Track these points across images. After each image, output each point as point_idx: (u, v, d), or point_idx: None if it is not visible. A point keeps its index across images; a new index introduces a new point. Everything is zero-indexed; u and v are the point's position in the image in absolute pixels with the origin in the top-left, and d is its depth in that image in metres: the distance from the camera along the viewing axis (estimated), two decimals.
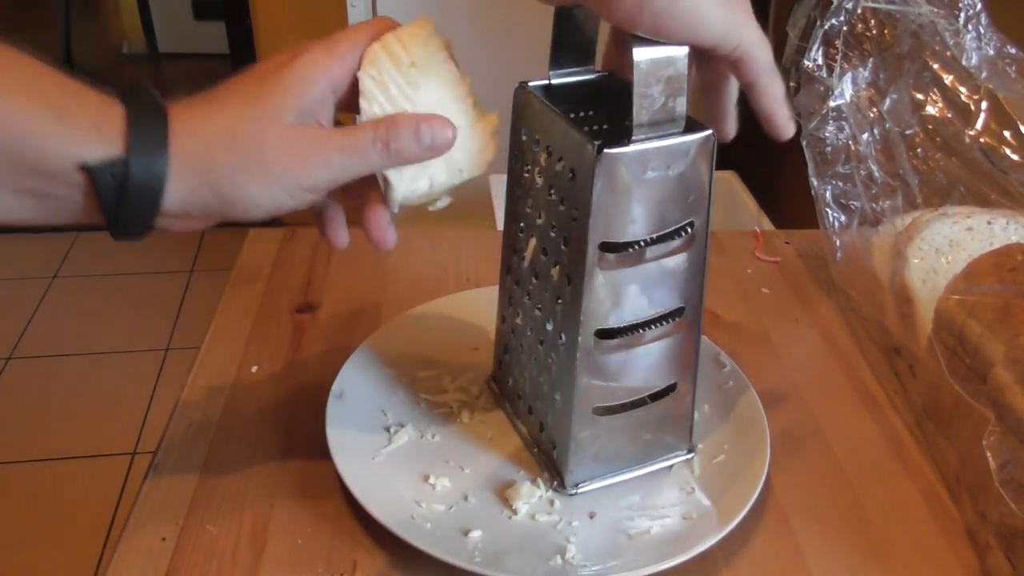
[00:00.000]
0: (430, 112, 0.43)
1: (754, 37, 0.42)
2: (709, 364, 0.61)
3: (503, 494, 0.51)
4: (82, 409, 1.74)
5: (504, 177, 0.51)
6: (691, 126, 0.43)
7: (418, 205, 0.46)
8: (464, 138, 0.44)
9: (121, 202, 0.38)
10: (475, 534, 0.48)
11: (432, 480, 0.52)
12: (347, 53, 0.42)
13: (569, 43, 0.47)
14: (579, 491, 0.51)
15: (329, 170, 0.42)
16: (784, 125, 0.45)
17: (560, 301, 0.47)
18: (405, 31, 0.43)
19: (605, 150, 0.41)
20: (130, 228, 0.40)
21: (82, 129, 0.37)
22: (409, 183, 0.44)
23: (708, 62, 0.45)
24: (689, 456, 0.54)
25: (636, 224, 0.44)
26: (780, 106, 0.44)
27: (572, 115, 0.46)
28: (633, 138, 0.41)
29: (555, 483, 0.52)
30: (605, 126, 0.50)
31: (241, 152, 0.40)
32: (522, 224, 0.51)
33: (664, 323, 0.48)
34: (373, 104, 0.42)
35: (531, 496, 0.51)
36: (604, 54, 0.48)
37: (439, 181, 0.45)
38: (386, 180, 0.44)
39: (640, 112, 0.41)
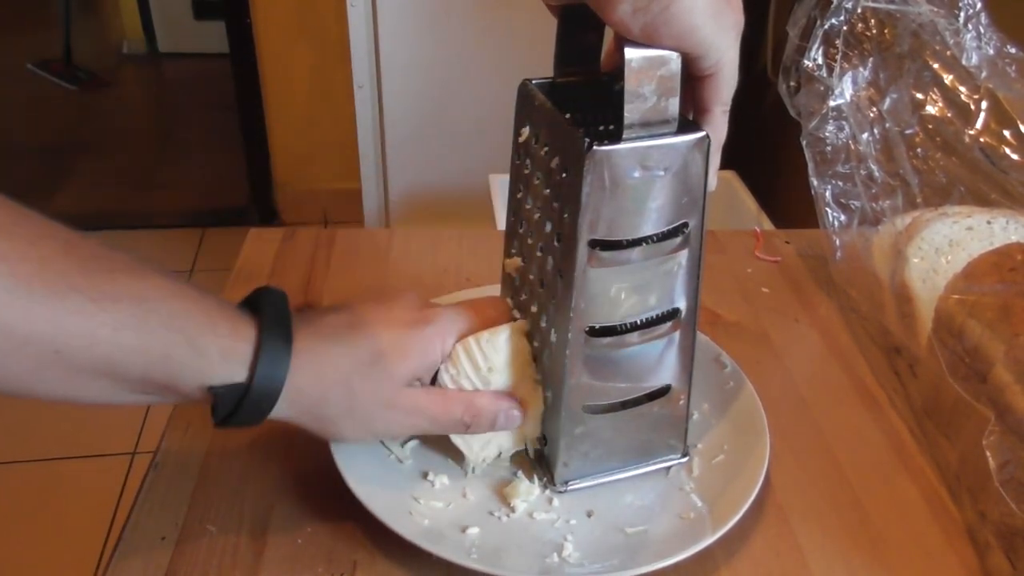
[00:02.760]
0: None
1: (734, 60, 0.42)
2: (710, 364, 0.61)
3: (501, 492, 0.51)
4: (82, 409, 1.73)
5: (503, 177, 0.52)
6: (685, 127, 0.43)
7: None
8: (530, 412, 0.50)
9: (234, 414, 0.43)
10: (473, 531, 0.48)
11: (431, 477, 0.52)
12: (465, 329, 0.49)
13: (574, 42, 0.47)
14: (569, 488, 0.51)
15: (415, 431, 0.50)
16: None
17: (553, 298, 0.47)
18: (488, 338, 0.49)
19: (595, 147, 0.41)
20: (233, 427, 0.44)
21: (212, 358, 0.41)
22: (479, 452, 0.51)
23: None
24: (683, 460, 0.54)
25: (628, 223, 0.44)
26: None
27: (579, 116, 0.46)
28: (624, 137, 0.41)
29: (545, 480, 0.52)
30: (611, 127, 0.50)
31: (350, 408, 0.45)
32: (522, 220, 0.51)
33: (657, 324, 0.48)
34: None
35: (529, 494, 0.51)
36: (605, 55, 0.48)
37: (506, 448, 0.52)
38: (458, 449, 0.51)
39: (631, 111, 0.40)
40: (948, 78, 0.72)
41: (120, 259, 0.40)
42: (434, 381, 0.49)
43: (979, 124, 0.71)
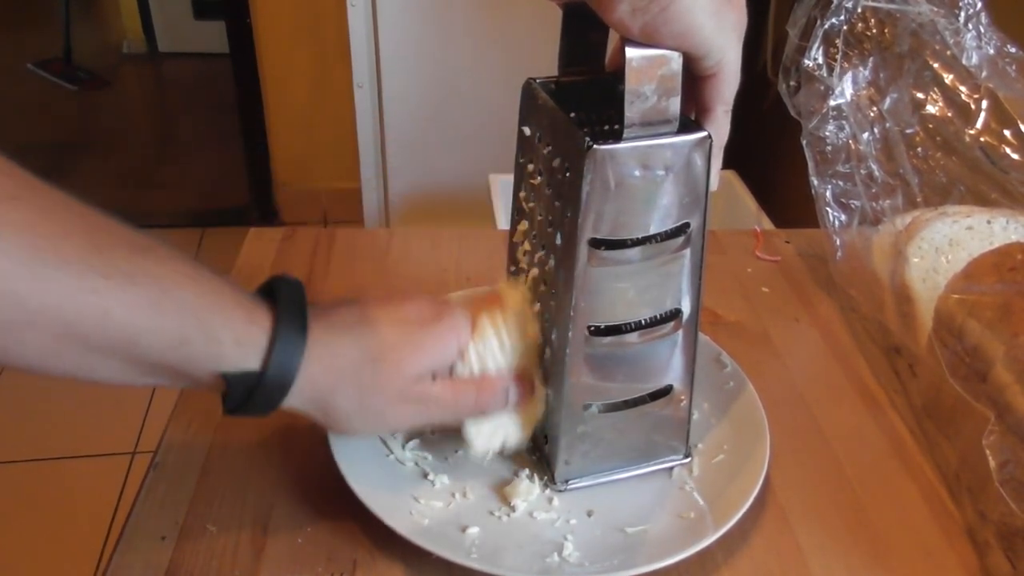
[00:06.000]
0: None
1: (736, 60, 0.42)
2: (710, 364, 0.61)
3: (501, 491, 0.51)
4: (82, 409, 1.73)
5: (503, 177, 0.52)
6: (686, 126, 0.42)
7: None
8: (537, 400, 0.50)
9: (245, 403, 0.42)
10: (473, 531, 0.48)
11: (431, 476, 0.52)
12: (475, 323, 0.49)
13: (578, 41, 0.47)
14: (569, 487, 0.51)
15: (429, 420, 0.49)
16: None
17: (554, 296, 0.47)
18: (508, 313, 0.50)
19: (595, 146, 0.41)
20: (243, 416, 0.44)
21: (226, 345, 0.40)
22: (486, 440, 0.50)
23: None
24: (685, 460, 0.54)
25: (629, 223, 0.44)
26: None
27: (583, 115, 0.46)
28: (624, 136, 0.41)
29: (546, 479, 0.52)
30: (615, 126, 0.50)
31: (361, 400, 0.45)
32: (525, 219, 0.51)
33: (659, 324, 0.48)
34: (466, 370, 0.48)
35: (529, 493, 0.51)
36: (610, 55, 0.48)
37: (511, 440, 0.51)
38: (466, 436, 0.50)
39: (632, 110, 0.40)
40: (948, 78, 0.72)
41: (138, 238, 0.39)
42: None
43: (979, 124, 0.71)
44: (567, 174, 0.44)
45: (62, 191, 0.37)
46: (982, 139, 0.71)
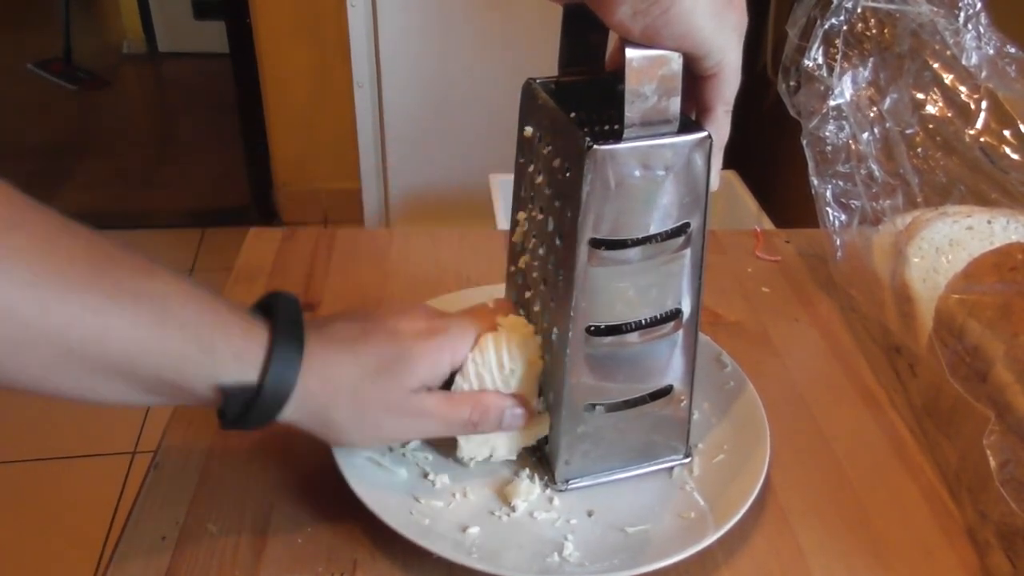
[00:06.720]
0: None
1: (736, 60, 0.42)
2: (710, 364, 0.61)
3: (502, 491, 0.51)
4: (82, 409, 1.73)
5: (503, 177, 0.52)
6: (687, 126, 0.42)
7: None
8: (535, 424, 0.51)
9: (243, 415, 0.43)
10: (473, 530, 0.48)
11: (431, 476, 0.52)
12: (474, 339, 0.49)
13: (578, 41, 0.47)
14: (570, 487, 0.51)
15: (424, 434, 0.51)
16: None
17: (554, 296, 0.47)
18: (514, 336, 0.49)
19: (595, 146, 0.41)
20: (240, 429, 0.44)
21: (224, 360, 0.41)
22: (475, 448, 0.51)
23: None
24: (686, 460, 0.54)
25: (629, 223, 0.44)
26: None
27: (583, 116, 0.46)
28: (624, 136, 0.41)
29: (546, 478, 0.52)
30: (615, 126, 0.50)
31: (358, 414, 0.46)
32: (525, 219, 0.51)
33: (659, 324, 0.48)
34: (465, 383, 0.49)
35: (529, 493, 0.51)
36: (610, 54, 0.48)
37: (499, 453, 0.52)
38: (456, 442, 0.51)
39: (632, 110, 0.40)
40: (948, 78, 0.72)
41: (136, 259, 0.40)
42: (445, 387, 0.49)
43: (979, 124, 0.71)
44: (567, 174, 0.44)
45: (55, 210, 0.37)
46: (982, 139, 0.71)
